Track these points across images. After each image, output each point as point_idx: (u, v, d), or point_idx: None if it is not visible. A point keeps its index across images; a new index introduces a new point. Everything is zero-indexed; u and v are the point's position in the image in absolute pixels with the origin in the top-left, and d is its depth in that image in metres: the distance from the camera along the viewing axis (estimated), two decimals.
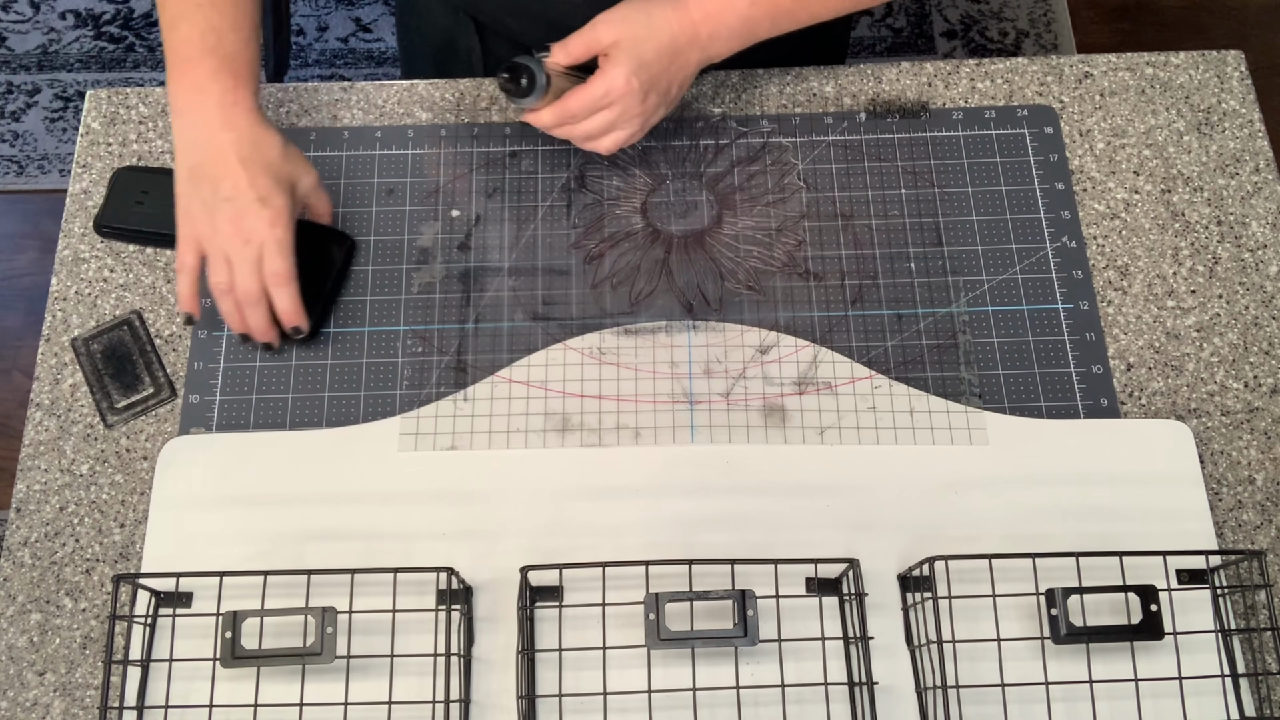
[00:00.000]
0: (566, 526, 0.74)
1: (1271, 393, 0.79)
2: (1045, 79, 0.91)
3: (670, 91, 0.79)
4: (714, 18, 0.76)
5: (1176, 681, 0.67)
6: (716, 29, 0.77)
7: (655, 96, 0.77)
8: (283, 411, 0.79)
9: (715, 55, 0.79)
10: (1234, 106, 0.89)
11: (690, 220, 0.85)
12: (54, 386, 0.80)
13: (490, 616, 0.71)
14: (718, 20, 0.77)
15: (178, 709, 0.68)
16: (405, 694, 0.68)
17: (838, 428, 0.77)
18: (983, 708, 0.68)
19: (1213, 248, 0.84)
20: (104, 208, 0.85)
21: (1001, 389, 0.79)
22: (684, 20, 0.76)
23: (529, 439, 0.77)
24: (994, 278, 0.83)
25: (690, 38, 0.76)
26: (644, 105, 0.77)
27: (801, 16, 0.80)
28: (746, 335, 0.80)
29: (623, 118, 0.77)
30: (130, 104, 0.90)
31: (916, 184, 0.86)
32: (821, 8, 0.80)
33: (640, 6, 0.76)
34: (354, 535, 0.74)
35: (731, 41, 0.78)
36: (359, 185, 0.86)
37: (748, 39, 0.79)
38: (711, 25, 0.77)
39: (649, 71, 0.75)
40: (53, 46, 1.95)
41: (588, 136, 0.78)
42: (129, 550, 0.75)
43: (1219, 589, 0.72)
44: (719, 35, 0.77)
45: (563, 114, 0.76)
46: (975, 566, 0.70)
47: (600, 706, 0.67)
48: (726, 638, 0.64)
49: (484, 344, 0.81)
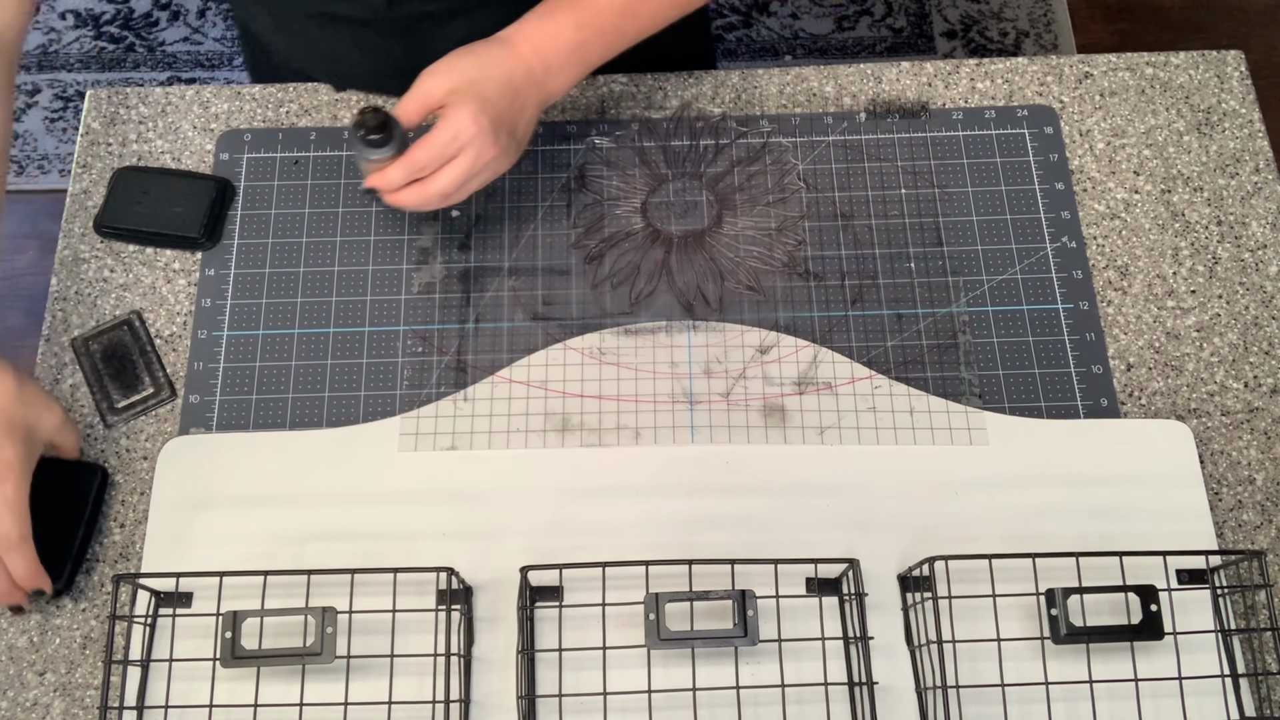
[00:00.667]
0: (566, 526, 0.74)
1: (1271, 393, 0.79)
2: (1045, 79, 0.91)
3: (517, 132, 0.74)
4: (543, 51, 0.73)
5: (1176, 681, 0.67)
6: (549, 61, 0.73)
7: (505, 137, 0.72)
8: (283, 411, 0.79)
9: (553, 91, 0.75)
10: (1234, 106, 0.89)
11: (690, 220, 0.85)
12: (54, 386, 0.80)
13: (490, 616, 0.71)
14: (548, 52, 0.73)
15: (178, 709, 0.68)
16: (405, 694, 0.68)
17: (838, 428, 0.77)
18: (983, 708, 0.68)
19: (1213, 248, 0.84)
20: (104, 208, 0.85)
21: (1001, 389, 0.79)
22: (515, 57, 0.73)
23: (529, 439, 0.77)
24: (994, 278, 0.83)
25: (525, 74, 0.73)
26: (497, 145, 0.72)
27: (631, 32, 0.76)
28: (746, 335, 0.80)
29: (478, 163, 0.72)
30: (130, 104, 0.90)
31: (916, 184, 0.86)
32: (650, 20, 0.77)
33: (466, 52, 0.73)
34: (354, 535, 0.74)
35: (567, 72, 0.75)
36: (359, 185, 0.86)
37: (582, 67, 0.75)
38: (543, 59, 0.73)
39: (495, 109, 0.71)
40: (53, 46, 1.95)
41: (443, 195, 0.72)
42: (129, 550, 0.75)
43: (1219, 589, 0.72)
44: (552, 68, 0.74)
45: (411, 166, 0.71)
46: (975, 566, 0.70)
47: (600, 706, 0.67)
48: (726, 638, 0.64)
49: (484, 344, 0.81)
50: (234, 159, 0.87)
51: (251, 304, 0.82)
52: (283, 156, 0.88)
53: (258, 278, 0.83)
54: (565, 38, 0.73)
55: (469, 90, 0.71)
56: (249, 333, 0.81)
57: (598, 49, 0.75)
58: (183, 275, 0.83)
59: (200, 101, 0.90)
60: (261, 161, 0.87)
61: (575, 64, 0.75)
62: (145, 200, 0.84)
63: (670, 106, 0.90)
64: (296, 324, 0.82)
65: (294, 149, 0.88)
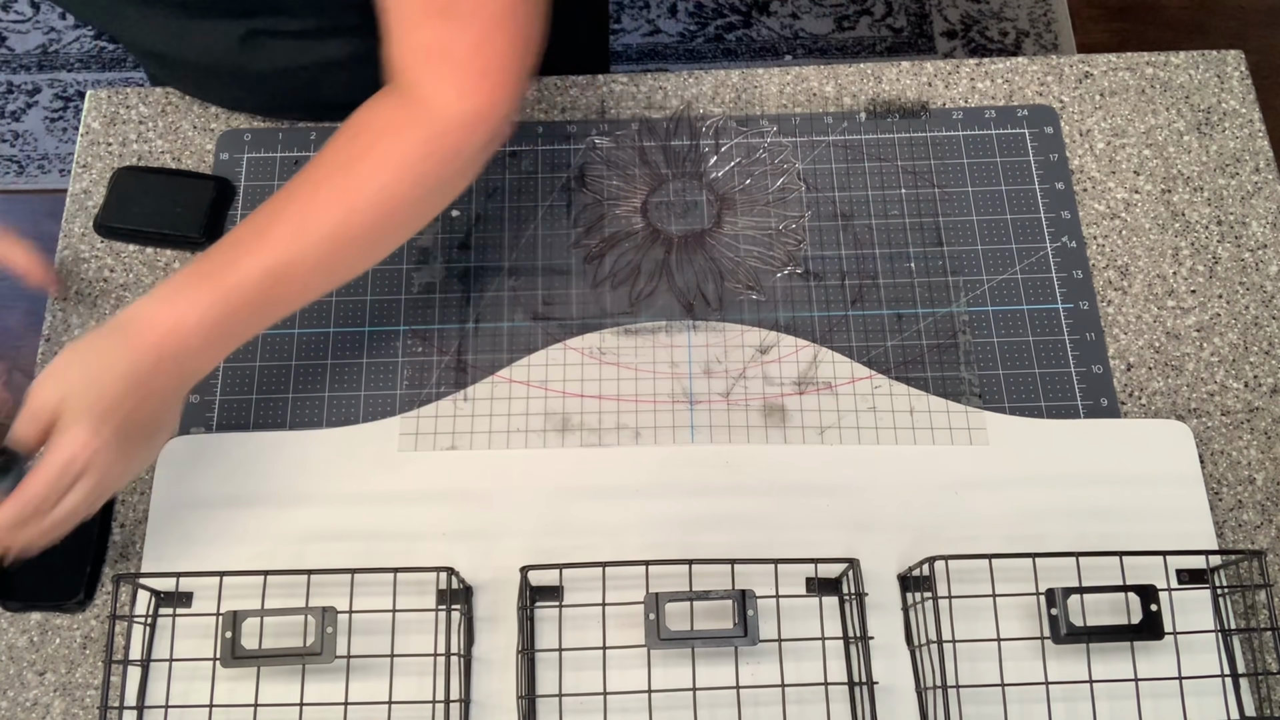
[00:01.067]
0: (566, 526, 0.74)
1: (1271, 393, 0.79)
2: (1045, 79, 0.91)
3: (154, 425, 0.65)
4: (174, 333, 0.62)
5: (1176, 681, 0.67)
6: (183, 344, 0.63)
7: (137, 440, 0.64)
8: (283, 411, 0.79)
9: (198, 370, 0.65)
10: (1234, 106, 0.89)
11: (690, 220, 0.85)
12: None
13: (490, 616, 0.71)
14: (181, 334, 0.62)
15: (178, 709, 0.68)
16: (405, 694, 0.68)
17: (838, 428, 0.77)
18: (983, 708, 0.68)
19: (1213, 248, 0.84)
20: (104, 208, 0.85)
21: (1001, 389, 0.79)
22: (139, 345, 0.62)
23: (529, 439, 0.77)
24: (994, 278, 0.83)
25: (154, 363, 0.62)
26: (125, 455, 0.63)
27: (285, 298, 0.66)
28: (746, 335, 0.80)
29: (104, 482, 0.62)
30: (130, 104, 0.90)
31: (916, 184, 0.86)
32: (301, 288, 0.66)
33: (78, 351, 0.62)
34: (354, 535, 0.74)
35: (208, 353, 0.64)
36: None
37: (228, 340, 0.65)
38: (175, 342, 0.62)
39: (117, 415, 0.62)
40: (53, 46, 1.95)
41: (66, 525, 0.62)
42: (129, 550, 0.75)
43: (1219, 589, 0.72)
44: (188, 350, 0.63)
45: (24, 503, 0.60)
46: (975, 566, 0.70)
47: (600, 706, 0.67)
48: (726, 638, 0.64)
49: (484, 344, 0.81)
50: (234, 159, 0.88)
51: None
52: (283, 156, 0.88)
53: None
54: (198, 317, 0.62)
55: (83, 400, 0.61)
56: None
57: (242, 321, 0.64)
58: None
59: (200, 101, 0.90)
60: (261, 161, 0.87)
61: (217, 341, 0.64)
62: (145, 200, 0.84)
63: (670, 106, 0.90)
64: (296, 324, 0.82)
65: (294, 149, 0.88)
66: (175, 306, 0.63)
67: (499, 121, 0.65)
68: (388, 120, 0.65)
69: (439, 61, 0.64)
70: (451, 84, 0.64)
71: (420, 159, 0.64)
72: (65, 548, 0.72)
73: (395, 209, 0.65)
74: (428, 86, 0.64)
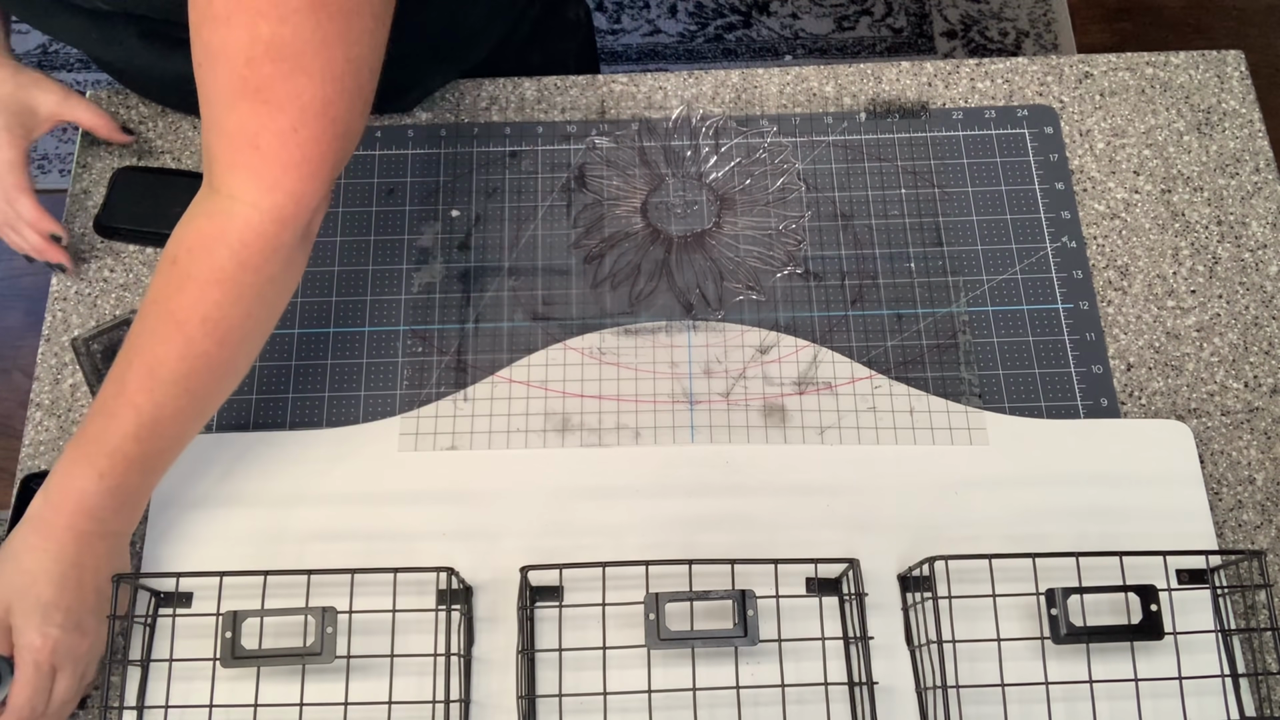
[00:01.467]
0: (566, 526, 0.74)
1: (1271, 393, 0.79)
2: (1045, 79, 0.91)
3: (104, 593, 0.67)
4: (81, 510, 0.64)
5: (1176, 681, 0.67)
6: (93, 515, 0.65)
7: (89, 614, 0.66)
8: (283, 411, 0.79)
9: (124, 528, 0.68)
10: (1234, 106, 0.89)
11: (690, 220, 0.85)
12: (54, 386, 0.80)
13: (490, 616, 0.71)
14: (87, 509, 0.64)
15: (178, 709, 0.68)
16: (405, 694, 0.68)
17: (838, 428, 0.77)
18: (983, 708, 0.68)
19: (1213, 248, 0.84)
20: (104, 208, 0.85)
21: (1001, 389, 0.79)
22: (54, 533, 0.64)
23: (529, 439, 0.77)
24: (994, 278, 0.83)
25: (75, 541, 0.65)
26: (86, 632, 0.66)
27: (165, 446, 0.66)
28: (746, 335, 0.80)
29: (78, 662, 0.66)
30: (130, 104, 0.90)
31: (916, 184, 0.86)
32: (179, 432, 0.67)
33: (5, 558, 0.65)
34: (354, 535, 0.74)
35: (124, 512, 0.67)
36: (359, 185, 0.86)
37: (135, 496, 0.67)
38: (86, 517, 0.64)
39: (62, 603, 0.64)
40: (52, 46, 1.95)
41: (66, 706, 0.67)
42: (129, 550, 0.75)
43: (1219, 589, 0.72)
44: (102, 518, 0.65)
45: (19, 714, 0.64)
46: (975, 566, 0.70)
47: (600, 706, 0.67)
48: (726, 638, 0.64)
49: (484, 344, 0.81)
50: None
51: None
52: None
53: None
54: (95, 488, 0.64)
55: (24, 603, 0.64)
56: None
57: (138, 477, 0.66)
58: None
59: None
60: None
61: (124, 500, 0.66)
62: (145, 200, 0.84)
63: (670, 106, 0.90)
64: (296, 324, 0.82)
65: None
66: (71, 486, 0.64)
67: (308, 214, 0.63)
68: (198, 238, 0.63)
69: (246, 151, 0.61)
70: (257, 178, 0.62)
71: (235, 271, 0.63)
72: None
73: (230, 329, 0.64)
74: (235, 182, 0.62)
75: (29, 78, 0.79)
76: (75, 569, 0.65)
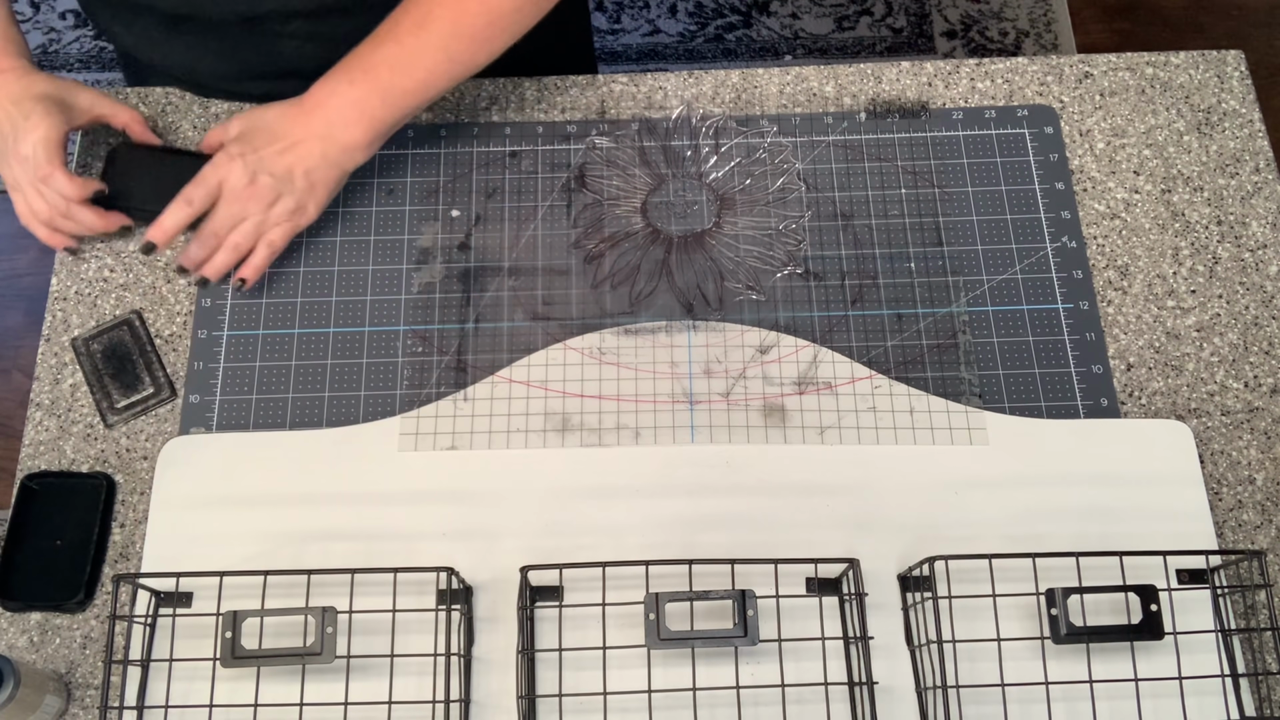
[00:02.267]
0: (566, 526, 0.74)
1: (1271, 393, 0.79)
2: (1045, 79, 0.91)
3: (292, 179, 0.78)
4: (323, 106, 0.77)
5: (1176, 681, 0.67)
6: (330, 117, 0.77)
7: (267, 180, 0.77)
8: (283, 411, 0.79)
9: (348, 144, 0.78)
10: (1234, 106, 0.89)
11: (690, 220, 0.85)
12: (54, 386, 0.80)
13: (490, 616, 0.71)
14: (329, 108, 0.77)
15: (178, 709, 0.68)
16: (405, 694, 0.68)
17: (838, 428, 0.77)
18: (983, 708, 0.68)
19: (1213, 248, 0.84)
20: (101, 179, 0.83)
21: (1001, 389, 0.79)
22: (296, 114, 0.77)
23: (529, 439, 0.77)
24: (994, 278, 0.83)
25: (304, 128, 0.77)
26: (254, 186, 0.77)
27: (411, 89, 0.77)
28: (746, 335, 0.80)
29: (238, 202, 0.77)
30: (130, 103, 0.90)
31: (916, 184, 0.86)
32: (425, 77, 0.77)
33: (258, 109, 0.79)
34: (354, 535, 0.74)
35: (352, 129, 0.77)
36: (359, 185, 0.86)
37: (370, 122, 0.77)
38: (324, 115, 0.77)
39: (255, 155, 0.77)
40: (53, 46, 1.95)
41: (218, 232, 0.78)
42: (129, 550, 0.75)
43: (1219, 589, 0.72)
44: (335, 123, 0.77)
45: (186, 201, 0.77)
46: (975, 566, 0.70)
47: (600, 706, 0.67)
48: (726, 638, 0.64)
49: (484, 344, 0.81)
50: None
51: (251, 304, 0.82)
52: None
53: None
54: (342, 93, 0.77)
55: (241, 136, 0.78)
56: (249, 332, 0.81)
57: (378, 104, 0.77)
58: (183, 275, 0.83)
59: (200, 101, 0.90)
60: None
61: (359, 120, 0.77)
62: (143, 178, 0.83)
63: (670, 106, 0.90)
64: (296, 324, 0.82)
65: None
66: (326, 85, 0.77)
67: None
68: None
69: None
70: None
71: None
72: (65, 548, 0.72)
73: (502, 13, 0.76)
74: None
75: (67, 81, 0.82)
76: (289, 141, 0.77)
